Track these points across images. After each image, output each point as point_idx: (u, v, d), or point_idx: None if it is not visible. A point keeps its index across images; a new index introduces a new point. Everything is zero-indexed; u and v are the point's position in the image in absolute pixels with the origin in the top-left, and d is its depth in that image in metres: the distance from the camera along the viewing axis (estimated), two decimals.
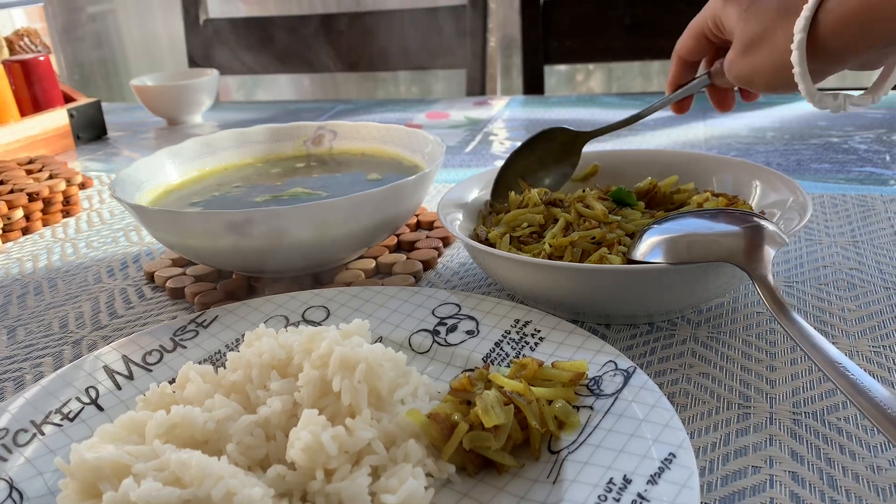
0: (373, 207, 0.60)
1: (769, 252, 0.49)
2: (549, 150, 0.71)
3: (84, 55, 2.63)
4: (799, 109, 1.13)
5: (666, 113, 1.17)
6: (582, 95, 1.36)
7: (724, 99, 0.69)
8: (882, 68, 0.58)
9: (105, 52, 2.63)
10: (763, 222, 0.51)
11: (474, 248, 0.56)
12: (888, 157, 0.89)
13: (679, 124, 1.10)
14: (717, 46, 0.64)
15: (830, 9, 0.50)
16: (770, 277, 0.47)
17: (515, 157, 0.70)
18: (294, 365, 0.43)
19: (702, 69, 0.68)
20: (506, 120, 1.21)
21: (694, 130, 1.07)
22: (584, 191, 0.63)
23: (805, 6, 0.51)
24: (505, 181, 0.69)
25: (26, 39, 1.40)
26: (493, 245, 0.59)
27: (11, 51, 1.36)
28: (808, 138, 0.99)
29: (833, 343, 0.51)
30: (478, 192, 0.68)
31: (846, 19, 0.49)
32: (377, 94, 2.26)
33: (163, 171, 0.74)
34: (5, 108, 1.15)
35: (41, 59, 1.23)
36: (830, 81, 0.58)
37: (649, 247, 0.52)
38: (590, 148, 0.71)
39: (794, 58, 0.52)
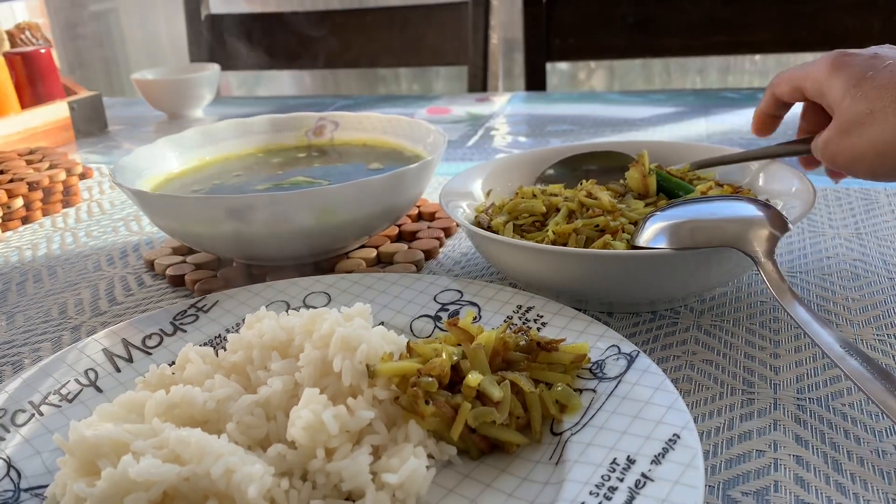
0: (375, 195, 0.60)
1: (773, 238, 0.49)
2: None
3: (85, 53, 2.63)
4: (800, 105, 1.13)
5: (665, 108, 1.18)
6: (584, 93, 1.36)
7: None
8: None
9: (106, 50, 2.63)
10: (767, 209, 0.51)
11: (477, 235, 0.55)
12: None
13: (681, 120, 1.10)
14: (812, 104, 0.60)
15: None
16: (774, 263, 0.47)
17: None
18: (295, 346, 0.43)
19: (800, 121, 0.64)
20: (507, 116, 1.21)
21: (696, 126, 1.06)
22: (583, 182, 0.63)
23: None
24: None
25: (28, 33, 1.40)
26: (495, 233, 0.58)
27: (13, 44, 1.36)
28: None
29: (838, 332, 0.51)
30: (480, 182, 0.68)
31: None
32: (378, 91, 2.26)
33: (163, 160, 0.74)
34: (6, 99, 1.15)
35: (42, 51, 1.22)
36: None
37: (653, 233, 0.52)
38: (594, 140, 0.70)
39: None
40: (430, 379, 0.39)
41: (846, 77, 0.51)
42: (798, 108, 0.63)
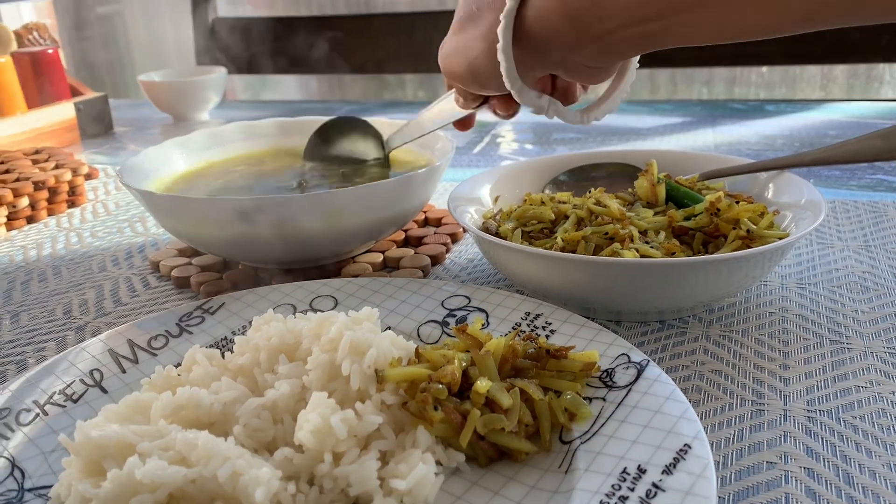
0: (382, 199, 0.59)
1: None
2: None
3: (91, 54, 2.63)
4: (809, 118, 1.13)
5: (672, 118, 1.18)
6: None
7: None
8: (605, 90, 0.54)
9: (112, 52, 2.63)
10: None
11: (485, 241, 0.55)
12: None
13: (688, 130, 1.10)
14: None
15: None
16: None
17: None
18: (302, 349, 0.43)
19: None
20: (514, 123, 1.21)
21: (703, 137, 1.06)
22: (591, 190, 0.63)
23: None
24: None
25: (35, 33, 1.40)
26: (503, 239, 0.58)
27: (20, 44, 1.36)
28: (819, 146, 0.98)
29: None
30: (488, 188, 0.68)
31: (550, 7, 0.44)
32: (384, 97, 2.26)
33: (171, 161, 0.74)
34: (12, 99, 1.15)
35: (49, 52, 1.22)
36: None
37: None
38: (604, 148, 0.70)
39: (500, 29, 0.45)
40: (441, 386, 0.39)
41: None
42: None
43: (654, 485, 0.35)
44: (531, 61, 0.47)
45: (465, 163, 1.00)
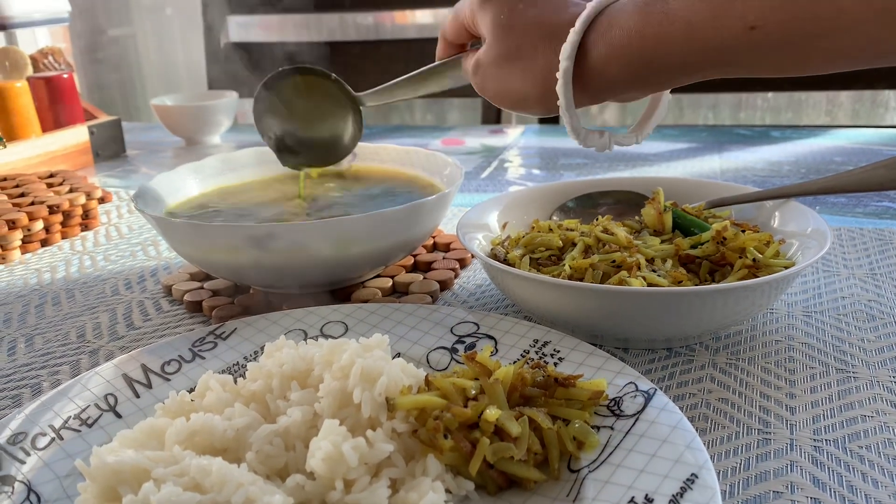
0: (392, 225, 0.60)
1: None
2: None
3: (104, 77, 2.67)
4: (815, 144, 1.14)
5: (679, 144, 1.19)
6: (597, 126, 1.37)
7: None
8: (646, 107, 0.57)
9: (124, 74, 2.67)
10: None
11: (493, 268, 0.56)
12: None
13: (694, 156, 1.11)
14: (474, 36, 0.58)
15: (601, 34, 0.46)
16: None
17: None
18: (314, 376, 0.43)
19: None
20: (521, 148, 1.22)
21: (709, 163, 1.07)
22: (598, 217, 0.64)
23: (571, 30, 0.46)
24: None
25: (50, 58, 1.42)
26: (511, 265, 0.59)
27: (36, 68, 1.38)
28: (825, 172, 0.99)
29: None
30: (496, 215, 0.69)
31: (610, 62, 0.46)
32: (392, 121, 2.28)
33: (184, 187, 0.75)
34: (27, 123, 1.17)
35: (65, 76, 1.24)
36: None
37: None
38: (611, 174, 0.71)
39: (560, 87, 0.47)
40: (451, 415, 0.40)
41: (493, 6, 0.52)
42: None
43: None
44: (585, 101, 0.50)
45: (473, 188, 1.01)
